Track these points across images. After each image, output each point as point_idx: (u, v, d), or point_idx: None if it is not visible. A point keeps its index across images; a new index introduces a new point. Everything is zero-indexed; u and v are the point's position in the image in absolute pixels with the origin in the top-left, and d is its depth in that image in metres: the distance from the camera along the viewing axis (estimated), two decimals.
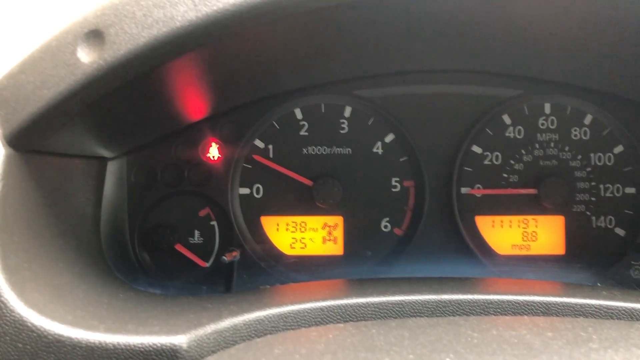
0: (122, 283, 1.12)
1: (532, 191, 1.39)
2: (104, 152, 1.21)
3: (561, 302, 0.88)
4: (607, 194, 1.41)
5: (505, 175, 1.41)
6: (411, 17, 1.01)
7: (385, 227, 1.43)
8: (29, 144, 0.88)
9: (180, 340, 0.76)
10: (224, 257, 1.30)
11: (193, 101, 1.24)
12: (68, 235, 1.01)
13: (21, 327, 0.76)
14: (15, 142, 0.85)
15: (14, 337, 0.76)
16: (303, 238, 1.42)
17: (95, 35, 0.80)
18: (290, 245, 1.42)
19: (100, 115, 0.95)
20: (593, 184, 1.41)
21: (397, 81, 1.41)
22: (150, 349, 0.75)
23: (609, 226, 1.41)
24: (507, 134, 1.42)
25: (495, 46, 1.21)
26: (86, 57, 0.80)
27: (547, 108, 1.42)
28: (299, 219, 1.42)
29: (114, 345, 0.75)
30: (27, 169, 0.90)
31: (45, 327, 0.76)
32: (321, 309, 0.86)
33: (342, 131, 1.42)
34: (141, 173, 1.38)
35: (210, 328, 0.79)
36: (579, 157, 1.41)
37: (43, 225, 0.93)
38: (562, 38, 1.10)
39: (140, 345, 0.76)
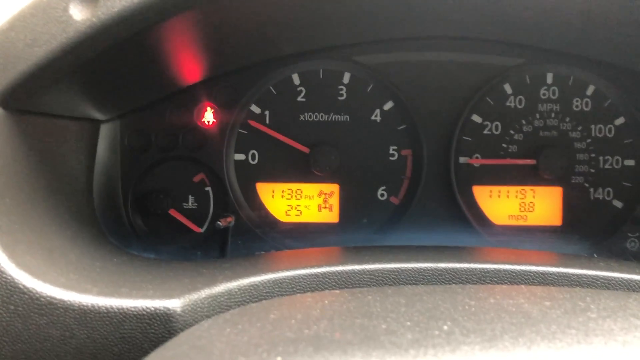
0: (115, 247, 1.11)
1: (531, 162, 1.38)
2: (97, 114, 1.19)
3: (558, 272, 0.88)
4: (606, 166, 1.40)
5: (504, 145, 1.40)
6: None
7: (382, 195, 1.42)
8: (20, 104, 0.87)
9: (174, 304, 0.75)
10: (218, 223, 1.29)
11: (188, 63, 1.21)
12: (60, 198, 1.00)
13: (13, 289, 0.75)
14: (6, 101, 0.83)
15: (5, 299, 0.75)
16: (299, 205, 1.41)
17: None
18: (286, 212, 1.41)
19: (93, 75, 0.93)
20: (592, 155, 1.40)
21: (398, 47, 1.38)
22: (144, 312, 0.75)
23: (606, 198, 1.41)
24: (507, 104, 1.40)
25: (497, 13, 1.19)
26: (79, 14, 0.78)
27: (549, 78, 1.40)
28: (294, 186, 1.41)
29: (106, 309, 0.75)
30: (18, 129, 0.88)
31: (38, 289, 0.75)
32: (317, 275, 0.86)
33: (340, 98, 1.40)
34: (135, 137, 1.36)
35: (205, 293, 0.78)
36: (580, 128, 1.40)
37: (34, 187, 0.92)
38: (566, 6, 1.07)
39: (133, 309, 0.75)
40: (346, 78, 1.40)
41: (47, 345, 0.74)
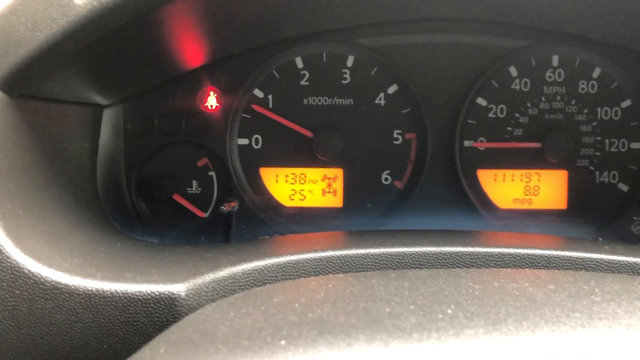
0: (119, 232, 1.11)
1: (536, 145, 1.37)
2: (100, 99, 1.18)
3: (563, 256, 0.88)
4: (612, 149, 1.39)
5: (509, 128, 1.39)
6: None
7: (386, 179, 1.41)
8: (22, 89, 0.86)
9: (178, 288, 0.76)
10: (222, 208, 1.29)
11: (190, 47, 1.20)
12: (64, 183, 1.00)
13: (18, 274, 0.75)
14: (8, 86, 0.83)
15: (10, 284, 0.75)
16: (302, 190, 1.41)
17: None
18: (290, 196, 1.41)
19: (94, 59, 0.93)
20: (598, 138, 1.39)
21: (402, 30, 1.37)
22: (149, 297, 0.75)
23: (612, 181, 1.40)
24: (513, 87, 1.39)
25: None
26: None
27: (555, 60, 1.38)
28: (298, 170, 1.41)
29: (111, 293, 0.75)
30: (21, 114, 0.88)
31: (42, 274, 0.75)
32: (320, 259, 0.86)
33: (344, 81, 1.39)
34: (138, 121, 1.35)
35: (209, 277, 0.78)
36: (585, 111, 1.39)
37: (38, 172, 0.92)
38: None
39: (138, 293, 0.75)
40: (350, 61, 1.39)
41: (52, 330, 0.75)
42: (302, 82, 1.39)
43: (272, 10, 1.13)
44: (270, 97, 1.39)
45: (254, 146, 1.40)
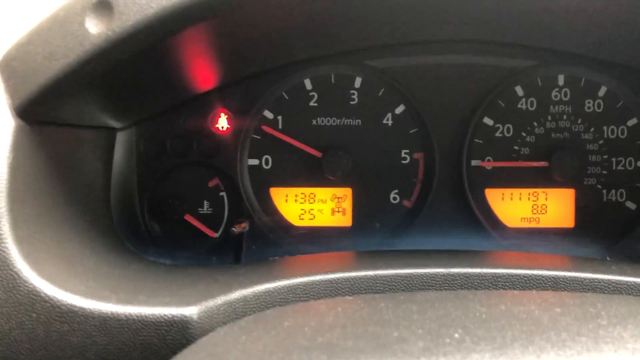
0: (132, 253, 1.13)
1: (543, 164, 1.38)
2: (113, 123, 1.21)
3: (570, 277, 0.88)
4: (619, 167, 1.39)
5: (516, 147, 1.40)
6: None
7: (394, 199, 1.42)
8: (39, 115, 0.88)
9: (191, 311, 0.77)
10: (233, 229, 1.30)
11: (202, 71, 1.23)
12: (78, 206, 1.02)
13: (35, 298, 0.77)
14: (25, 113, 0.85)
15: (27, 307, 0.77)
16: (312, 209, 1.42)
17: (103, 6, 0.79)
18: (299, 216, 1.42)
19: (109, 86, 0.95)
20: (605, 157, 1.39)
21: (409, 51, 1.38)
22: (162, 319, 0.76)
23: (619, 200, 1.40)
24: (519, 106, 1.40)
25: (509, 15, 1.19)
26: (94, 27, 0.80)
27: (561, 80, 1.39)
28: (308, 190, 1.42)
29: (126, 316, 0.77)
30: (37, 140, 0.90)
31: (58, 298, 0.77)
32: (330, 281, 0.87)
33: (352, 102, 1.41)
34: (150, 143, 1.38)
35: (221, 299, 0.80)
36: (592, 129, 1.39)
37: (53, 196, 0.94)
38: (578, 7, 1.07)
39: (151, 316, 0.77)
40: (357, 82, 1.41)
41: (68, 352, 0.76)
42: (311, 103, 1.41)
43: (282, 35, 1.15)
44: (280, 118, 1.41)
45: (264, 166, 1.42)
